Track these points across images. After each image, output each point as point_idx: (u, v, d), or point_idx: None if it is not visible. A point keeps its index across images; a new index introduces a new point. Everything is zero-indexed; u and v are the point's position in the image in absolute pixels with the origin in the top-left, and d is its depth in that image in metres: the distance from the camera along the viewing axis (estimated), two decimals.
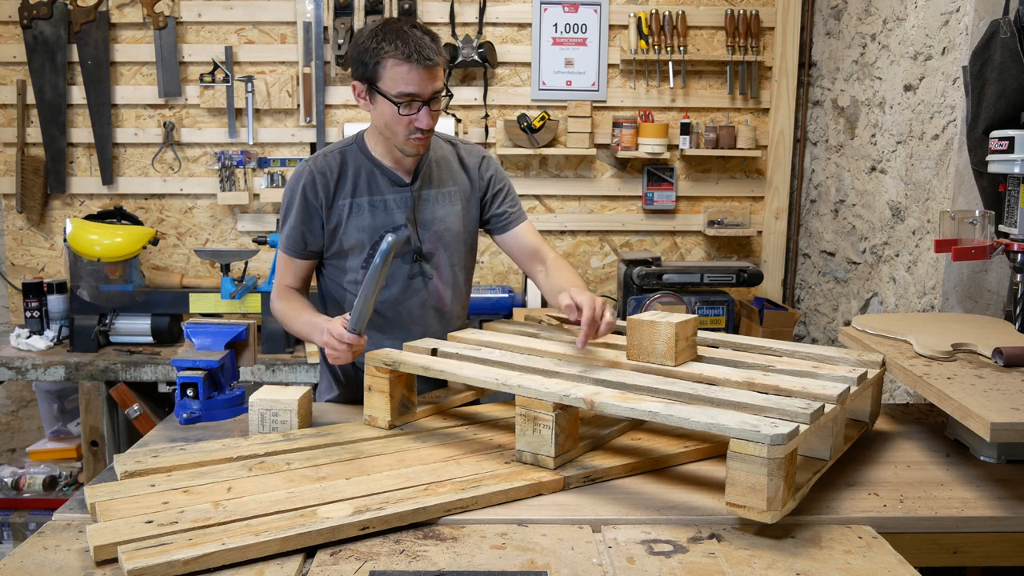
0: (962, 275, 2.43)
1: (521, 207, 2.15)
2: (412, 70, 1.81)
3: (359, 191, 1.97)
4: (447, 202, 2.04)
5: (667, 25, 3.52)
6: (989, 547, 1.44)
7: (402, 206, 1.99)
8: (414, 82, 1.82)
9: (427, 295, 2.04)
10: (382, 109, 1.87)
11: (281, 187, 3.45)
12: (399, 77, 1.81)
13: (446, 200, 2.04)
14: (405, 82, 1.82)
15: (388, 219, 1.98)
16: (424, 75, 1.82)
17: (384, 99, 1.84)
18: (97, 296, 3.22)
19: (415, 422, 1.83)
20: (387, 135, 1.91)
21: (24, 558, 1.26)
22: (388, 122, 1.88)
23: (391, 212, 1.98)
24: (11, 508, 3.23)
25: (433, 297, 2.05)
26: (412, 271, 2.02)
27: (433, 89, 1.85)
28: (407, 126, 1.87)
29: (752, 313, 3.43)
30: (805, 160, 3.67)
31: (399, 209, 1.98)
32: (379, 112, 1.88)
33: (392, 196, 1.98)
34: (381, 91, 1.84)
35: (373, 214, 1.97)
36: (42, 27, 3.41)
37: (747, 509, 1.31)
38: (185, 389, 1.89)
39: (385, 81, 1.83)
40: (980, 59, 2.12)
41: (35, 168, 3.49)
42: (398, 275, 2.01)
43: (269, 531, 1.26)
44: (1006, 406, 1.44)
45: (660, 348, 1.70)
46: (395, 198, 1.98)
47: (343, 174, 1.97)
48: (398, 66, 1.81)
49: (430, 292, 2.04)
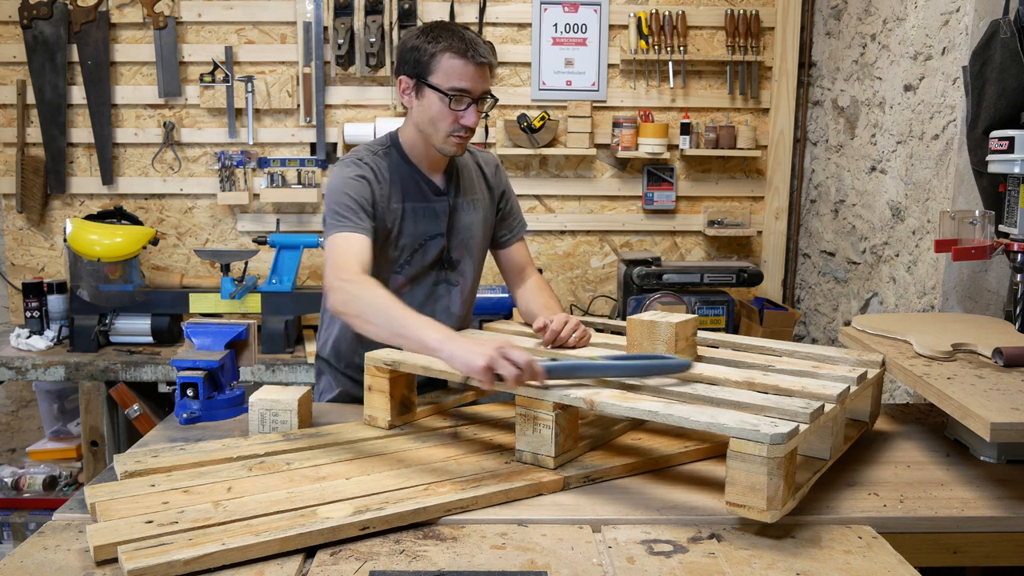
0: (962, 275, 2.43)
1: (523, 218, 2.19)
2: (467, 65, 1.83)
3: (408, 196, 1.95)
4: (472, 209, 2.05)
5: (667, 25, 3.52)
6: (989, 547, 1.45)
7: (442, 215, 1.99)
8: (468, 77, 1.83)
9: (449, 302, 2.05)
10: (429, 104, 1.86)
11: (282, 187, 3.45)
12: (453, 71, 1.82)
13: (471, 208, 2.05)
14: (459, 76, 1.83)
15: (431, 227, 1.97)
16: (477, 73, 1.84)
17: (434, 93, 1.84)
18: (97, 296, 3.22)
19: (415, 422, 1.83)
20: (428, 131, 1.89)
21: (24, 558, 1.26)
22: (433, 117, 1.87)
23: (433, 220, 1.98)
24: (11, 508, 3.23)
25: (455, 304, 2.06)
26: (438, 278, 2.02)
27: (483, 88, 1.87)
28: (452, 123, 1.86)
29: (752, 313, 3.43)
30: (805, 160, 3.67)
31: (440, 217, 1.98)
32: (425, 107, 1.87)
33: (435, 204, 1.98)
34: (433, 85, 1.84)
35: (417, 221, 1.96)
36: (42, 27, 3.41)
37: (747, 508, 1.31)
38: (185, 389, 1.89)
39: (438, 75, 1.83)
40: (980, 59, 2.12)
41: (35, 168, 3.49)
42: (425, 282, 2.00)
43: (269, 531, 1.26)
44: (1006, 406, 1.44)
45: (660, 348, 1.70)
46: (437, 206, 1.98)
47: (392, 177, 1.94)
48: (453, 59, 1.82)
49: (452, 299, 2.05)
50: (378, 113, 3.57)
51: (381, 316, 1.62)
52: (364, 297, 1.67)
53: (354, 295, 1.68)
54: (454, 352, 1.51)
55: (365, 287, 1.69)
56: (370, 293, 1.67)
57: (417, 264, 1.98)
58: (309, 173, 3.47)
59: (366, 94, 3.56)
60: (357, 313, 1.67)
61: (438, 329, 1.57)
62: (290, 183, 3.48)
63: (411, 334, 1.57)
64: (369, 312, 1.64)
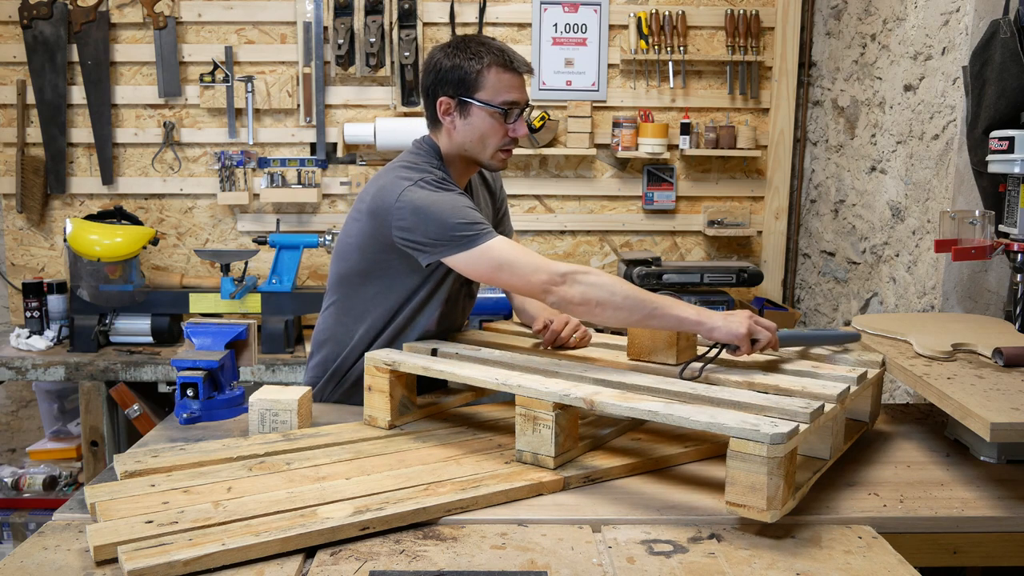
0: (962, 275, 2.43)
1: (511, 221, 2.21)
2: (515, 77, 1.82)
3: None
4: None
5: (667, 25, 3.52)
6: (989, 547, 1.45)
7: None
8: (516, 88, 1.82)
9: (465, 305, 2.06)
10: (477, 122, 1.83)
11: (282, 187, 3.44)
12: (503, 85, 1.81)
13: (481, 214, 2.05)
14: (508, 89, 1.81)
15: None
16: (522, 83, 1.84)
17: (483, 109, 1.81)
18: (97, 296, 3.22)
19: (415, 422, 1.83)
20: (476, 149, 1.86)
21: (24, 558, 1.26)
22: (484, 134, 1.83)
23: None
24: (11, 508, 3.23)
25: (469, 311, 2.09)
26: (462, 291, 2.01)
27: (526, 97, 1.86)
28: (503, 136, 1.84)
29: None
30: (805, 160, 3.67)
31: None
32: (472, 126, 1.83)
33: None
34: (482, 101, 1.81)
35: None
36: (42, 27, 3.41)
37: (747, 508, 1.31)
38: (185, 389, 1.89)
39: (487, 90, 1.80)
40: (980, 59, 2.12)
41: (35, 168, 3.49)
42: (450, 288, 1.95)
43: (269, 531, 1.26)
44: (1006, 406, 1.44)
45: (662, 348, 1.70)
46: None
47: None
48: (503, 73, 1.80)
49: (467, 304, 2.07)
50: (378, 113, 3.57)
51: (628, 300, 1.65)
52: (603, 284, 1.66)
53: (591, 284, 1.66)
54: (715, 324, 1.63)
55: (596, 275, 1.68)
56: (607, 280, 1.67)
57: (442, 271, 1.90)
58: (309, 173, 3.47)
59: (366, 94, 3.56)
60: (600, 301, 1.65)
61: (688, 306, 1.66)
62: (290, 183, 3.48)
63: (666, 313, 1.64)
64: (616, 299, 1.65)
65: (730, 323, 1.62)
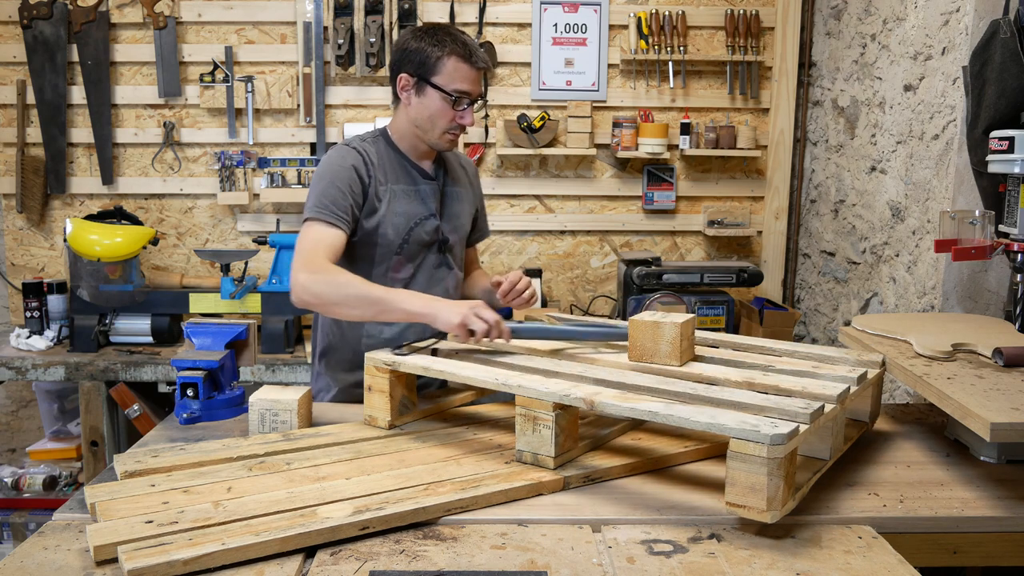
0: (962, 275, 2.43)
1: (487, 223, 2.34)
2: (471, 70, 1.95)
3: (397, 179, 2.03)
4: (459, 200, 2.15)
5: (667, 25, 3.52)
6: (989, 547, 1.45)
7: (431, 196, 2.07)
8: (470, 81, 1.96)
9: (448, 284, 2.12)
10: (429, 102, 1.96)
11: (282, 187, 3.45)
12: (458, 74, 1.94)
13: (459, 198, 2.15)
14: (463, 79, 1.95)
15: (422, 207, 2.05)
16: (477, 77, 1.98)
17: (436, 93, 1.95)
18: (97, 296, 3.22)
19: (415, 422, 1.83)
20: (424, 128, 1.99)
21: (24, 558, 1.26)
22: (433, 115, 1.97)
23: (424, 201, 2.05)
24: (11, 508, 3.23)
25: (452, 286, 2.14)
26: (439, 260, 2.10)
27: (479, 91, 2.01)
28: (451, 121, 1.97)
29: (752, 313, 3.43)
30: (805, 160, 3.67)
31: (430, 199, 2.06)
32: (424, 105, 1.97)
33: (424, 186, 2.06)
34: (436, 85, 1.94)
35: (408, 201, 2.03)
36: (42, 27, 3.41)
37: (747, 509, 1.31)
38: (185, 389, 1.89)
39: (443, 76, 1.94)
40: (980, 59, 2.12)
41: (35, 168, 3.49)
42: (426, 264, 2.07)
43: (269, 531, 1.26)
44: (1006, 406, 1.44)
45: (664, 349, 1.70)
46: (426, 188, 2.06)
47: (380, 161, 2.02)
48: (461, 63, 1.94)
49: (450, 282, 2.13)
50: (378, 113, 3.57)
51: (359, 300, 1.77)
52: (339, 284, 1.79)
53: (327, 283, 1.79)
54: (437, 313, 1.72)
55: (334, 273, 1.80)
56: (343, 278, 1.80)
57: (415, 244, 2.04)
58: (309, 173, 3.47)
59: (366, 94, 3.56)
60: (335, 301, 1.80)
61: (416, 296, 1.78)
62: (290, 183, 3.48)
63: (393, 307, 1.76)
64: (349, 299, 1.78)
65: (449, 313, 1.71)
